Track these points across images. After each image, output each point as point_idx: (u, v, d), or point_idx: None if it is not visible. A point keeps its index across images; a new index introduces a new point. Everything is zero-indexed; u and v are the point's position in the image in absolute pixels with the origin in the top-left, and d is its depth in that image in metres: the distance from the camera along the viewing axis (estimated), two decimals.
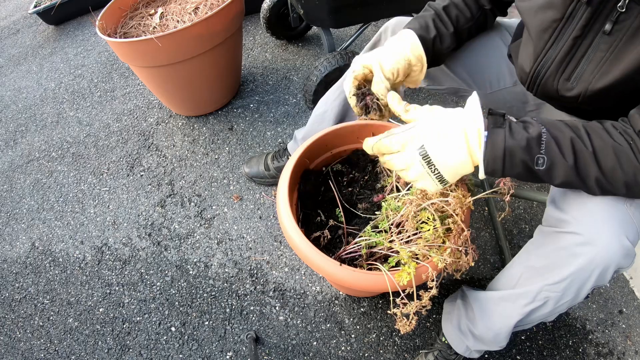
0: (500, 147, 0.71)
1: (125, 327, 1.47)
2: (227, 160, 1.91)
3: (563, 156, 0.70)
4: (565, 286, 0.82)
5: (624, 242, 0.75)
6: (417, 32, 0.97)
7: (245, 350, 1.38)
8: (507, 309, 0.97)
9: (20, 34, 3.18)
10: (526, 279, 0.92)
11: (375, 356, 1.34)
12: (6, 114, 2.45)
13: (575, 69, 0.83)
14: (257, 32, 2.60)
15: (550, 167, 0.71)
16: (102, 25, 1.78)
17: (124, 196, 1.86)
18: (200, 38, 1.69)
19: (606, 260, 0.76)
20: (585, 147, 0.71)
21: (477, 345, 1.10)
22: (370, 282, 0.91)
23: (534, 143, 0.71)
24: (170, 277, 1.57)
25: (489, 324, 1.04)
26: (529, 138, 0.71)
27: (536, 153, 0.71)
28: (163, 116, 2.18)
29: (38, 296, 1.60)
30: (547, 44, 0.86)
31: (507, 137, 0.71)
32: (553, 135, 0.72)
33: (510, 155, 0.71)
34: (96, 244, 1.72)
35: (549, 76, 0.88)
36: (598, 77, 0.79)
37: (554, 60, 0.86)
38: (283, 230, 0.99)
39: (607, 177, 0.71)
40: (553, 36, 0.85)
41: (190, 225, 1.71)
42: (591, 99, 0.83)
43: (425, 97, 2.07)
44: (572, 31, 0.81)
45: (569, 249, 0.80)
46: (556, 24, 0.83)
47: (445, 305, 1.23)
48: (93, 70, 2.61)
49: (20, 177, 2.05)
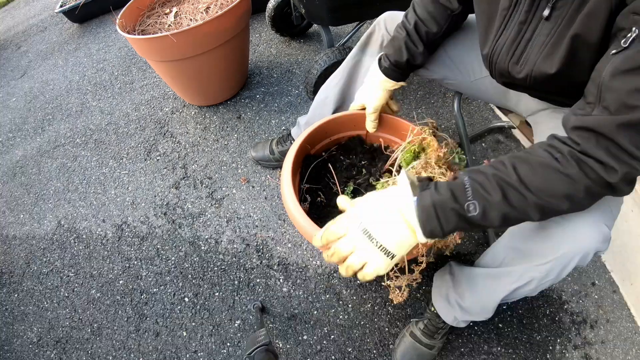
0: (429, 205, 0.65)
1: (143, 298, 1.43)
2: (235, 146, 1.85)
3: (489, 194, 0.64)
4: (549, 268, 0.78)
5: (603, 229, 0.73)
6: (392, 57, 1.03)
7: (252, 318, 1.34)
8: (493, 285, 0.93)
9: (47, 31, 3.09)
10: (511, 259, 0.88)
11: (370, 324, 1.30)
12: (35, 104, 2.38)
13: (523, 53, 0.79)
14: (263, 30, 2.52)
15: (484, 210, 0.64)
16: (122, 23, 1.73)
17: (142, 179, 1.80)
18: (211, 35, 1.64)
19: (587, 248, 0.73)
20: (509, 178, 0.64)
21: (464, 316, 1.06)
22: None
23: (459, 191, 0.65)
24: (184, 252, 1.53)
25: (476, 298, 1.00)
26: (452, 188, 0.65)
27: (464, 200, 0.64)
28: (177, 106, 2.11)
29: (64, 270, 1.56)
30: (498, 30, 0.82)
31: (433, 194, 0.66)
32: (476, 179, 0.65)
33: (441, 209, 0.65)
34: (116, 222, 1.67)
35: (501, 59, 0.84)
36: (541, 60, 0.75)
37: (504, 44, 0.82)
38: (286, 208, 0.95)
39: (543, 197, 0.63)
40: (503, 23, 0.81)
41: (202, 205, 1.66)
42: (537, 81, 0.78)
43: (416, 88, 2.01)
44: (518, 17, 0.77)
45: (553, 236, 0.77)
46: (505, 12, 0.79)
47: (435, 279, 1.19)
48: (114, 64, 2.53)
49: (47, 162, 2.00)
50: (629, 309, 1.31)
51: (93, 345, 1.36)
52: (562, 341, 1.25)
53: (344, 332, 1.29)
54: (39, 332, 1.42)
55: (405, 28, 1.01)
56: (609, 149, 0.59)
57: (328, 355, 1.25)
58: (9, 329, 1.45)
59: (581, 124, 0.62)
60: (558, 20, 0.69)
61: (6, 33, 3.28)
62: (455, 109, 1.33)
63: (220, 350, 1.29)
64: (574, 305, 1.32)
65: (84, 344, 1.37)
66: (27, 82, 2.60)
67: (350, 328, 1.29)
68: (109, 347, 1.35)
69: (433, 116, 1.86)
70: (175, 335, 1.34)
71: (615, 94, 0.58)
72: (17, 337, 1.43)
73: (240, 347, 1.29)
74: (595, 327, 1.27)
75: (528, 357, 1.22)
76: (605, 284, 1.36)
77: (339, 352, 1.25)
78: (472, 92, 1.17)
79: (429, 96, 1.96)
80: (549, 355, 1.22)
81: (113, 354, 1.33)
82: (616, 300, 1.33)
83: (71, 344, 1.38)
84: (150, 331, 1.36)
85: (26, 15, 3.47)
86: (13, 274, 1.59)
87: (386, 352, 1.24)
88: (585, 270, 1.39)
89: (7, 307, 1.51)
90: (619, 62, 0.58)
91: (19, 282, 1.57)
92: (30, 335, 1.42)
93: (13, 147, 2.14)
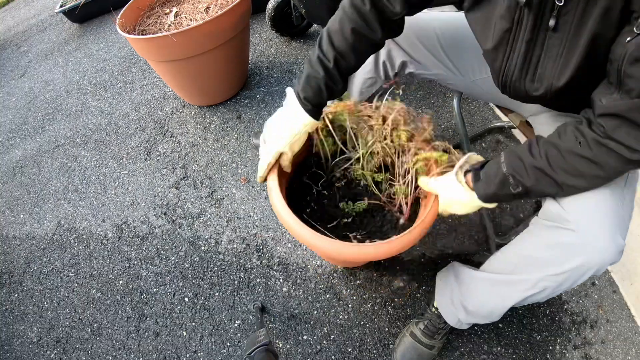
0: (486, 195, 0.82)
1: (143, 298, 1.43)
2: (235, 146, 1.85)
3: (524, 179, 0.75)
4: (564, 278, 0.78)
5: (619, 241, 0.72)
6: (312, 100, 0.89)
7: (252, 318, 1.33)
8: (505, 291, 0.92)
9: (47, 32, 3.09)
10: (525, 267, 0.86)
11: (370, 324, 1.30)
12: (35, 104, 2.38)
13: (537, 70, 0.76)
14: (263, 30, 2.52)
15: (525, 190, 0.77)
16: (122, 23, 1.73)
17: (142, 179, 1.80)
18: (211, 35, 1.64)
19: (603, 261, 0.73)
20: (541, 164, 0.73)
21: (469, 318, 1.05)
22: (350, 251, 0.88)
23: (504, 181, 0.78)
24: (184, 252, 1.52)
25: (484, 302, 0.98)
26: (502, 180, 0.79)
27: (508, 189, 0.78)
28: (177, 106, 2.11)
29: (64, 270, 1.56)
30: (505, 53, 0.79)
31: (484, 187, 0.82)
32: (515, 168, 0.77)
33: (495, 197, 0.82)
34: (116, 222, 1.67)
35: (515, 81, 0.82)
36: (558, 73, 0.73)
37: (515, 66, 0.79)
38: (276, 212, 0.94)
39: (569, 178, 0.72)
40: (509, 44, 0.78)
41: (202, 205, 1.66)
42: (558, 94, 0.76)
43: (416, 88, 2.01)
44: (524, 35, 0.74)
45: (568, 247, 0.76)
46: (508, 34, 0.76)
47: (437, 279, 1.18)
48: (114, 64, 2.53)
49: (47, 162, 2.00)
50: (629, 309, 1.31)
51: (93, 345, 1.36)
52: (562, 341, 1.25)
53: (344, 332, 1.29)
54: (39, 332, 1.42)
55: (324, 65, 0.88)
56: (632, 132, 0.63)
57: (328, 355, 1.25)
58: (9, 329, 1.45)
59: (606, 111, 0.65)
60: (566, 27, 0.68)
61: (6, 33, 3.28)
62: (455, 109, 1.33)
63: (220, 350, 1.29)
64: (574, 305, 1.32)
65: (84, 344, 1.37)
66: (27, 82, 2.60)
67: (350, 328, 1.29)
68: (109, 347, 1.35)
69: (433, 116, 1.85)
70: (175, 335, 1.34)
71: (635, 81, 0.60)
72: (17, 337, 1.42)
73: (240, 347, 1.29)
74: (595, 327, 1.27)
75: (528, 357, 1.22)
76: (605, 284, 1.36)
77: (339, 352, 1.25)
78: (472, 92, 1.17)
79: (429, 96, 1.95)
80: (549, 355, 1.22)
81: (113, 354, 1.33)
82: (616, 300, 1.32)
83: (71, 344, 1.38)
84: (150, 331, 1.36)
85: (26, 15, 3.47)
86: (13, 274, 1.59)
87: (386, 352, 1.24)
88: None
89: (7, 307, 1.50)
90: (634, 48, 0.59)
91: (19, 282, 1.56)
92: (30, 335, 1.42)
93: (13, 147, 2.14)
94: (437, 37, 1.08)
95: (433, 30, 1.08)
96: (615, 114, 0.64)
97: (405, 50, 1.14)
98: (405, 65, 1.18)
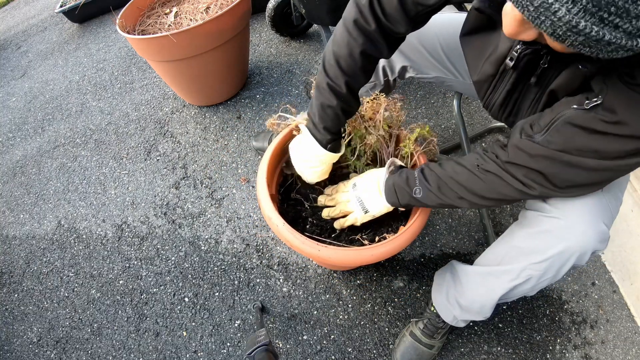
0: (390, 184, 0.92)
1: (143, 298, 1.43)
2: (235, 146, 1.85)
3: (429, 184, 0.85)
4: (547, 266, 0.79)
5: (601, 227, 0.74)
6: (332, 129, 0.93)
7: (252, 318, 1.34)
8: (492, 283, 0.93)
9: (47, 32, 3.09)
10: (511, 257, 0.88)
11: (370, 324, 1.30)
12: (35, 104, 2.38)
13: (513, 109, 0.88)
14: (263, 30, 2.51)
15: (425, 194, 0.86)
16: (122, 23, 1.72)
17: (142, 179, 1.80)
18: (211, 35, 1.64)
19: (584, 246, 0.74)
20: (445, 175, 0.83)
21: (463, 315, 1.06)
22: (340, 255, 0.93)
23: (411, 179, 0.88)
24: (184, 252, 1.52)
25: (475, 296, 1.00)
26: (408, 176, 0.89)
27: (413, 185, 0.87)
28: (177, 106, 2.11)
29: (64, 269, 1.56)
30: (487, 92, 0.90)
31: (395, 178, 0.92)
32: (424, 172, 0.87)
33: (397, 188, 0.91)
34: (116, 222, 1.67)
35: (494, 112, 0.92)
36: (531, 112, 0.83)
37: (495, 104, 0.90)
38: (267, 221, 0.99)
39: (465, 192, 0.81)
40: (491, 87, 0.88)
41: (202, 205, 1.66)
42: None
43: (416, 88, 2.01)
44: (506, 86, 0.84)
45: (551, 233, 0.78)
46: (492, 78, 0.86)
47: (435, 278, 1.19)
48: (114, 64, 2.53)
49: (47, 162, 1.99)
50: (629, 308, 1.31)
51: (93, 345, 1.36)
52: (562, 341, 1.25)
53: (344, 332, 1.29)
54: (39, 332, 1.42)
55: (336, 93, 0.88)
56: (531, 175, 0.72)
57: (328, 355, 1.25)
58: (9, 329, 1.45)
59: (523, 147, 0.72)
60: (544, 81, 0.76)
61: (6, 33, 3.28)
62: (455, 109, 1.33)
63: (220, 350, 1.29)
64: (574, 305, 1.32)
65: (84, 344, 1.37)
66: (27, 82, 2.60)
67: (350, 328, 1.29)
68: (109, 347, 1.35)
69: (433, 116, 1.86)
70: (175, 335, 1.34)
71: (561, 138, 0.67)
72: (17, 337, 1.42)
73: (240, 347, 1.29)
74: (595, 327, 1.27)
75: (528, 357, 1.22)
76: (605, 283, 1.36)
77: (339, 352, 1.25)
78: (472, 92, 1.17)
79: (429, 96, 1.95)
80: (549, 355, 1.22)
81: (113, 354, 1.33)
82: (616, 300, 1.33)
83: (71, 344, 1.38)
84: (150, 331, 1.36)
85: (26, 15, 3.47)
86: (13, 274, 1.59)
87: (386, 352, 1.24)
88: (585, 270, 1.39)
89: (7, 307, 1.50)
90: (576, 116, 0.65)
91: (19, 282, 1.56)
92: (30, 335, 1.42)
93: (13, 147, 2.14)
94: (438, 38, 1.10)
95: (433, 32, 1.09)
96: (527, 152, 0.71)
97: (406, 55, 1.15)
98: (405, 69, 1.19)
